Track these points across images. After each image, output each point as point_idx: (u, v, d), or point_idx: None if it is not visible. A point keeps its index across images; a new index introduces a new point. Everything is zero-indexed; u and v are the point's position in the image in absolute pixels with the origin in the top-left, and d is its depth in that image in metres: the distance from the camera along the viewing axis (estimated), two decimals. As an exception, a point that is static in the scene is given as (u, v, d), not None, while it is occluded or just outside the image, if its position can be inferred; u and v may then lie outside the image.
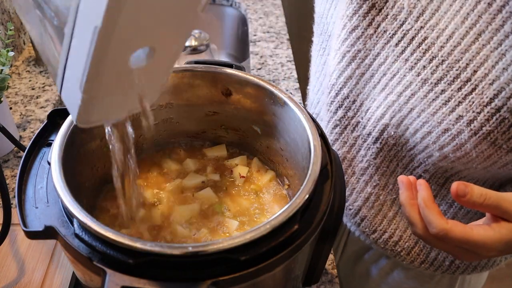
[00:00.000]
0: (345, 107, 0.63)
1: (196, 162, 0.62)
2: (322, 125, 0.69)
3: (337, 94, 0.63)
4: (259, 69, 1.09)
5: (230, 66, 0.57)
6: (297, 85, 1.03)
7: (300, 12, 1.83)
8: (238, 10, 1.38)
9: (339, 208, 0.47)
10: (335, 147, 0.67)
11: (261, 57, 1.13)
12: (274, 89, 0.54)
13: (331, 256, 0.67)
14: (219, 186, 0.58)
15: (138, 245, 0.37)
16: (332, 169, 0.48)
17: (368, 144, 0.63)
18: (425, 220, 0.45)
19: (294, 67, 1.09)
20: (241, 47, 1.38)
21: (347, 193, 0.69)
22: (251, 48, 1.16)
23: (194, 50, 1.19)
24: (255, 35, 1.21)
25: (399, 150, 0.60)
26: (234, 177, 0.60)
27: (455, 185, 0.43)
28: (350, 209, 0.70)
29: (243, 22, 1.36)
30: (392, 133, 0.59)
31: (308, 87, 0.80)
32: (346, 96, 0.62)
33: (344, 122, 0.64)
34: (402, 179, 0.48)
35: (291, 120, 0.53)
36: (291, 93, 1.00)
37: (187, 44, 1.18)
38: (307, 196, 0.42)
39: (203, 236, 0.52)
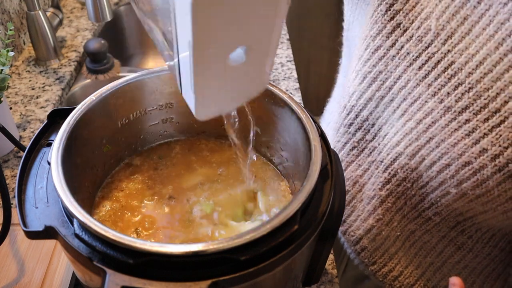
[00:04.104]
0: (364, 129, 0.61)
1: (196, 162, 0.62)
2: (337, 146, 0.67)
3: (357, 116, 0.61)
4: (259, 69, 1.08)
5: (230, 66, 0.57)
6: (297, 85, 1.03)
7: (300, 12, 1.84)
8: (238, 10, 1.37)
9: (339, 208, 0.46)
10: (349, 169, 0.65)
11: (261, 57, 1.13)
12: (274, 89, 0.54)
13: (331, 256, 0.67)
14: (218, 186, 0.58)
15: (138, 245, 0.37)
16: (332, 169, 0.48)
17: (378, 172, 0.59)
18: None
19: (294, 67, 1.09)
20: (241, 47, 1.37)
21: (353, 218, 0.66)
22: (251, 48, 1.16)
23: (194, 50, 1.18)
24: (255, 35, 1.21)
25: (408, 188, 0.57)
26: (234, 177, 0.60)
27: None
28: (352, 236, 0.67)
29: (243, 22, 1.35)
30: (404, 163, 0.55)
31: (326, 108, 0.79)
32: (366, 118, 0.60)
33: (362, 145, 0.62)
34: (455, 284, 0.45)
35: (291, 120, 0.53)
36: (291, 93, 1.00)
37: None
38: (307, 196, 0.42)
39: (202, 236, 0.52)
